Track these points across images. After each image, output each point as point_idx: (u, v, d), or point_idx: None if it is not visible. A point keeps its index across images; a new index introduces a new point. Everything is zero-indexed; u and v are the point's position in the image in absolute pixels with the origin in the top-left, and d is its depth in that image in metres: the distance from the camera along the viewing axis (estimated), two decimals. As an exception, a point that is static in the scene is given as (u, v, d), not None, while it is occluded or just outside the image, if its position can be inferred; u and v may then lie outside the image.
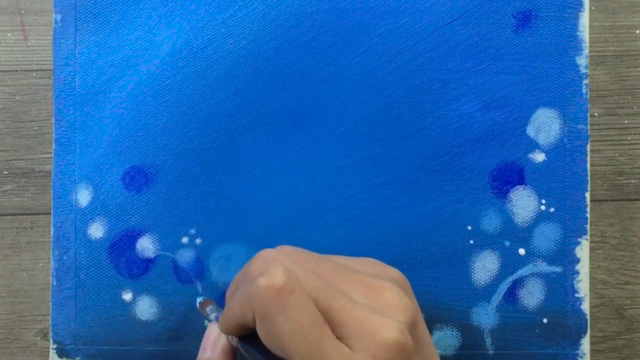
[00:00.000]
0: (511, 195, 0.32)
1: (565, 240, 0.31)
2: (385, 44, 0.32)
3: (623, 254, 0.36)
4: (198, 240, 0.32)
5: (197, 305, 0.31)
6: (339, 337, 0.22)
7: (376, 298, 0.23)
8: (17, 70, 0.36)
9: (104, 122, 0.32)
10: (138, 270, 0.32)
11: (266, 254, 0.25)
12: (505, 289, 0.31)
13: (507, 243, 0.32)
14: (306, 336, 0.21)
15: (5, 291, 0.36)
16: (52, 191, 0.32)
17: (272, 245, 0.32)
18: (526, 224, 0.32)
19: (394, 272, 0.25)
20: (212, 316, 0.29)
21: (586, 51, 0.32)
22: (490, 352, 0.31)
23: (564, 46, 0.32)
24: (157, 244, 0.32)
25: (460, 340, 0.31)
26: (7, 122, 0.36)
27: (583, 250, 0.31)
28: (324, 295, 0.22)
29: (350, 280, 0.24)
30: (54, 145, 0.32)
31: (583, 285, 0.31)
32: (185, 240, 0.32)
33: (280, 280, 0.22)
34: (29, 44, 0.36)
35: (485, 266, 0.31)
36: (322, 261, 0.25)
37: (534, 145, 0.32)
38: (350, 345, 0.21)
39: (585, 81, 0.32)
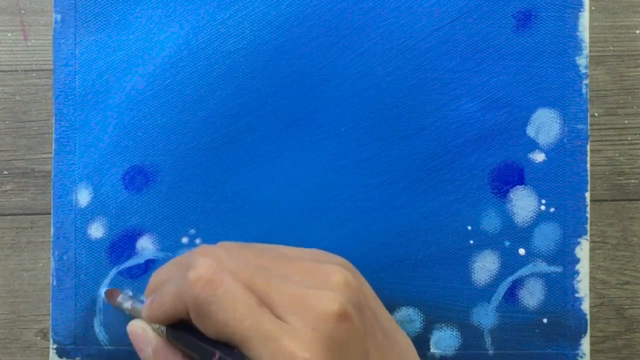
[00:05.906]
0: (511, 195, 0.32)
1: (565, 240, 0.31)
2: (385, 44, 0.32)
3: (623, 254, 0.36)
4: (198, 240, 0.32)
5: (103, 296, 0.31)
6: (280, 317, 0.22)
7: (320, 279, 0.23)
8: (17, 70, 0.36)
9: (104, 122, 0.32)
10: (138, 270, 0.32)
11: (205, 248, 0.25)
12: (505, 289, 0.31)
13: (507, 243, 0.32)
14: (242, 322, 0.21)
15: (5, 291, 0.36)
16: (52, 191, 0.32)
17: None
18: (526, 224, 0.32)
19: (341, 260, 0.25)
20: (128, 304, 0.29)
21: (586, 51, 0.32)
22: (490, 352, 0.31)
23: (564, 46, 0.32)
24: (157, 244, 0.32)
25: (460, 340, 0.31)
26: (7, 122, 0.36)
27: (583, 250, 0.31)
28: (263, 280, 0.22)
29: (294, 266, 0.24)
30: (54, 145, 0.32)
31: (583, 285, 0.31)
32: (185, 240, 0.32)
33: (208, 272, 0.22)
34: (29, 44, 0.36)
35: (485, 266, 0.31)
36: (266, 251, 0.25)
37: (534, 145, 0.32)
38: (291, 322, 0.21)
39: (585, 81, 0.32)
